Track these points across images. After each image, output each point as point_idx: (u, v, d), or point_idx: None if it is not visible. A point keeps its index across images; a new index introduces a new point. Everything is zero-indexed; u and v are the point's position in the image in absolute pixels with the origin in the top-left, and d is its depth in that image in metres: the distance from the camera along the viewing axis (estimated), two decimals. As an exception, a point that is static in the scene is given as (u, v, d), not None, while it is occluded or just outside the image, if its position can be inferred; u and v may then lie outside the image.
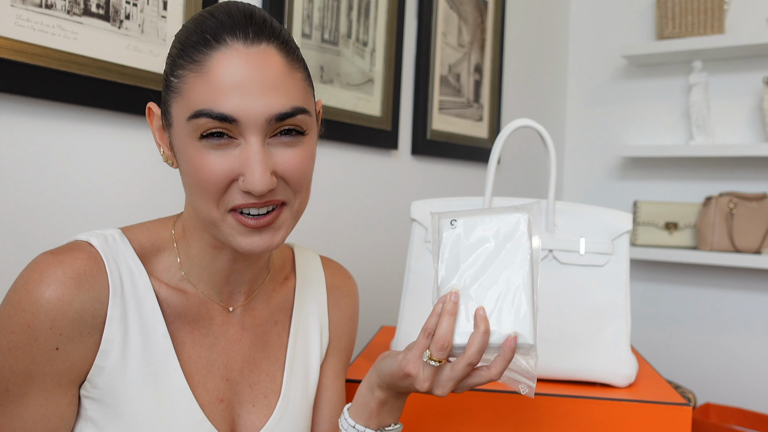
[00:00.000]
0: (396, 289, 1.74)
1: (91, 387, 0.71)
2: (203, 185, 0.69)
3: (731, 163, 2.37)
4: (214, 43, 0.67)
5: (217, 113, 0.66)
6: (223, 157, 0.68)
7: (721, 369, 2.34)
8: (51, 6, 0.95)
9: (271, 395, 0.82)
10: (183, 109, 0.68)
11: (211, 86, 0.66)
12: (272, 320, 0.85)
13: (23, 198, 0.95)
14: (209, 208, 0.70)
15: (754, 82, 2.34)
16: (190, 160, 0.69)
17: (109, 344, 0.70)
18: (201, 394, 0.76)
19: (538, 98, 2.50)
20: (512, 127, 1.05)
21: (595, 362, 1.03)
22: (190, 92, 0.67)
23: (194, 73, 0.67)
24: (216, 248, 0.77)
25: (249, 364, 0.81)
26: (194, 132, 0.68)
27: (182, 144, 0.70)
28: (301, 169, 0.71)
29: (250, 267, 0.80)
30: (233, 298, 0.81)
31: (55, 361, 0.68)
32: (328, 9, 1.47)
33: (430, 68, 1.82)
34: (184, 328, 0.76)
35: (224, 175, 0.68)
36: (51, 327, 0.67)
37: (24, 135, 0.95)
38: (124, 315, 0.72)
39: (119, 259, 0.73)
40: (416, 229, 1.09)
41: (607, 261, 1.04)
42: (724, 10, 2.27)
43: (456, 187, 2.01)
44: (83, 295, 0.68)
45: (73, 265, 0.69)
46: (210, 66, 0.67)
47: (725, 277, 2.36)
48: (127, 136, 1.08)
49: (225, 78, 0.66)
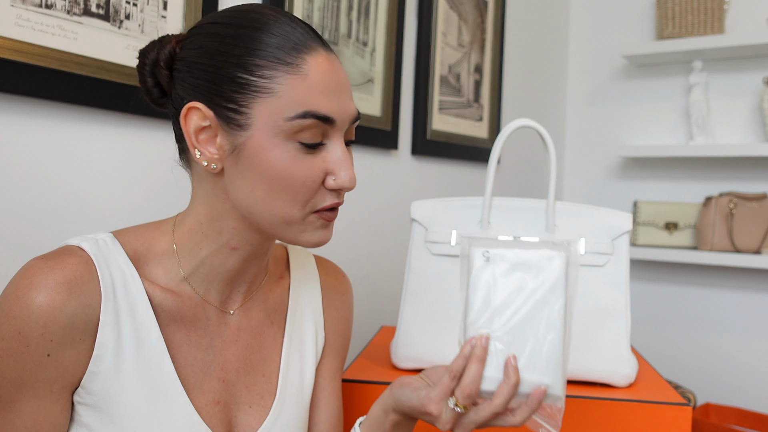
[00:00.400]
0: (396, 289, 1.74)
1: (85, 393, 0.71)
2: (295, 187, 0.70)
3: (731, 163, 2.37)
4: (303, 47, 0.70)
5: (322, 114, 0.70)
6: (313, 159, 0.71)
7: (721, 369, 2.34)
8: (51, 6, 0.95)
9: (267, 396, 0.82)
10: (279, 110, 0.69)
11: (312, 88, 0.69)
12: (268, 321, 0.85)
13: (23, 198, 0.95)
14: (292, 209, 0.71)
15: (754, 82, 2.34)
16: (281, 162, 0.69)
17: (102, 349, 0.70)
18: (197, 396, 0.76)
19: (538, 98, 2.50)
20: (512, 127, 1.05)
21: (595, 362, 1.03)
22: (289, 93, 0.69)
23: (291, 75, 0.69)
24: (234, 249, 0.76)
25: (245, 365, 0.81)
26: (293, 132, 0.69)
27: (271, 145, 0.69)
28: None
29: (253, 267, 0.81)
30: (232, 298, 0.81)
31: (47, 367, 0.68)
32: (328, 9, 1.47)
33: (430, 68, 1.82)
34: (180, 331, 0.76)
35: (318, 176, 0.71)
36: (42, 334, 0.67)
37: (24, 135, 0.95)
38: (117, 320, 0.71)
39: (111, 264, 0.72)
40: (416, 229, 1.09)
41: (607, 261, 1.04)
42: (724, 10, 2.27)
43: (456, 187, 2.01)
44: (74, 301, 0.68)
45: (63, 270, 0.68)
46: (307, 69, 0.69)
47: (725, 277, 2.36)
48: (127, 136, 1.08)
49: (323, 80, 0.70)
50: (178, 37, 0.75)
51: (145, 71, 0.75)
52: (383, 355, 1.16)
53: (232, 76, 0.69)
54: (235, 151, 0.70)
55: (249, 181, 0.71)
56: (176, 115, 0.74)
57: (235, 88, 0.69)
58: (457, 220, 1.07)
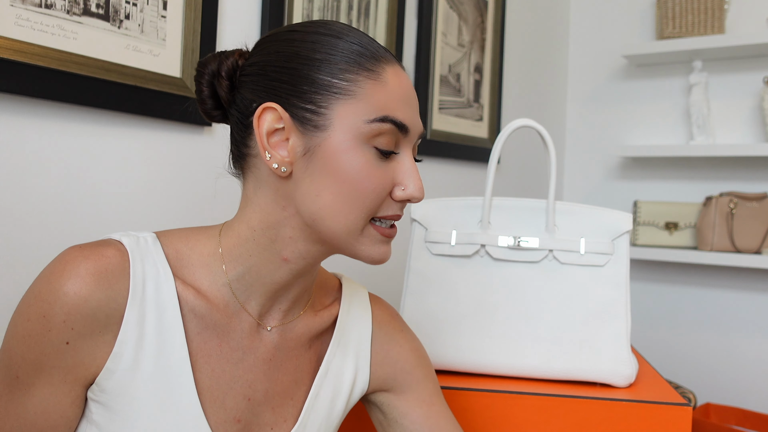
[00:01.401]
0: (396, 289, 1.74)
1: (99, 390, 0.70)
2: (365, 193, 0.70)
3: (731, 163, 2.37)
4: (382, 57, 0.72)
5: (399, 121, 0.71)
6: (385, 168, 0.72)
7: (721, 369, 2.34)
8: (51, 6, 0.95)
9: (290, 420, 0.80)
10: (359, 112, 0.69)
11: (391, 95, 0.71)
12: (307, 344, 0.82)
13: (23, 198, 0.95)
14: (357, 217, 0.71)
15: (754, 82, 2.34)
16: (356, 166, 0.70)
17: (122, 347, 0.69)
18: (217, 411, 0.74)
19: (538, 98, 2.50)
20: (512, 127, 1.05)
21: (595, 362, 1.03)
22: (369, 97, 0.70)
23: (372, 81, 0.70)
24: (286, 260, 0.74)
25: (275, 385, 0.79)
26: (371, 136, 0.70)
27: (347, 148, 0.69)
28: None
29: (299, 284, 0.78)
30: (270, 314, 0.79)
31: (64, 355, 0.68)
32: (328, 9, 1.47)
33: (430, 68, 1.82)
34: (212, 340, 0.74)
35: (388, 184, 0.72)
36: (64, 320, 0.67)
37: (24, 135, 0.95)
38: (142, 319, 0.70)
39: (147, 262, 0.71)
40: (416, 229, 1.09)
41: (607, 261, 1.04)
42: (724, 10, 2.27)
43: (456, 187, 2.01)
44: (100, 293, 0.68)
45: (96, 261, 0.68)
46: (386, 77, 0.71)
47: (725, 277, 2.36)
48: (127, 136, 1.08)
49: (401, 90, 0.72)
50: (241, 51, 0.76)
51: (203, 81, 0.76)
52: (383, 355, 1.16)
53: (312, 77, 0.70)
54: (307, 153, 0.70)
55: (317, 185, 0.70)
56: (241, 119, 0.73)
57: (315, 89, 0.70)
58: (457, 220, 1.07)
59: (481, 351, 1.04)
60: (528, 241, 1.04)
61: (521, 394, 0.99)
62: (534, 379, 1.06)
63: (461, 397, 0.99)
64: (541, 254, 1.04)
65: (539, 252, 1.04)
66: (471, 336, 1.04)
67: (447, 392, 1.00)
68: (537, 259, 1.04)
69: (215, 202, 1.21)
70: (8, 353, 0.69)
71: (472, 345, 1.04)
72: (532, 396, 0.99)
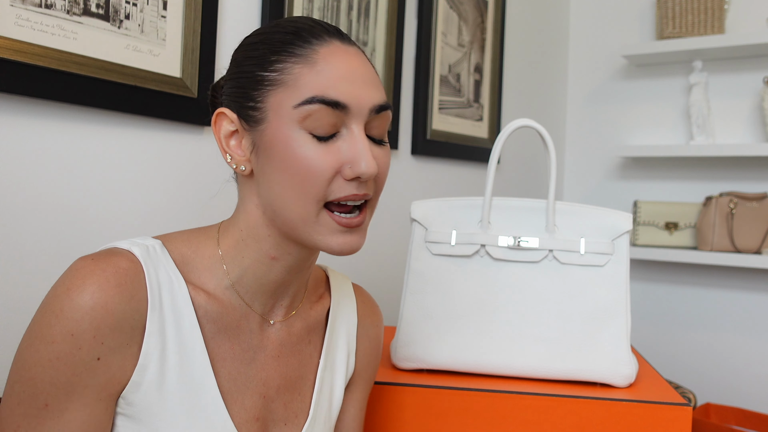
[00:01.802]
0: (396, 289, 1.74)
1: (126, 404, 0.69)
2: (307, 178, 0.69)
3: (731, 163, 2.37)
4: (314, 39, 0.71)
5: (330, 99, 0.68)
6: (328, 148, 0.69)
7: (721, 369, 2.34)
8: (51, 6, 0.95)
9: (300, 414, 0.81)
10: (288, 98, 0.69)
11: (321, 75, 0.69)
12: (307, 339, 0.84)
13: (23, 198, 0.95)
14: (307, 204, 0.70)
15: (754, 82, 2.34)
16: (292, 152, 0.69)
17: (147, 359, 0.68)
18: (239, 412, 0.74)
19: (538, 98, 2.50)
20: (512, 127, 1.05)
21: (595, 362, 1.03)
22: (297, 81, 0.69)
23: (299, 65, 0.70)
24: (274, 259, 0.75)
25: (285, 381, 0.80)
26: (302, 120, 0.69)
27: (282, 136, 0.69)
28: (387, 168, 0.75)
29: (297, 280, 0.79)
30: (274, 311, 0.80)
31: (97, 372, 0.66)
32: (328, 9, 1.47)
33: (430, 68, 1.82)
34: (225, 343, 0.74)
35: (332, 165, 0.69)
36: (94, 336, 0.65)
37: (24, 135, 0.95)
38: (163, 329, 0.70)
39: (160, 272, 0.70)
40: (416, 229, 1.09)
41: (607, 261, 1.04)
42: (724, 10, 2.27)
43: (456, 187, 2.01)
44: (124, 304, 0.66)
45: (116, 272, 0.66)
46: (317, 58, 0.70)
47: (725, 277, 2.36)
48: (127, 136, 1.08)
49: (334, 68, 0.70)
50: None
51: (208, 100, 0.81)
52: (383, 355, 1.16)
53: (251, 75, 0.72)
54: (255, 149, 0.72)
55: (268, 178, 0.71)
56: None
57: (252, 85, 0.71)
58: (457, 220, 1.07)
59: (481, 351, 1.04)
60: (528, 241, 1.04)
61: (521, 394, 0.99)
62: (534, 379, 1.06)
63: (461, 397, 0.99)
64: (541, 254, 1.04)
65: (539, 252, 1.04)
66: (471, 336, 1.04)
67: (447, 392, 1.00)
68: (537, 259, 1.04)
69: (215, 202, 1.21)
70: (31, 382, 0.65)
71: (471, 345, 1.04)
72: (532, 396, 0.99)
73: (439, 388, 1.00)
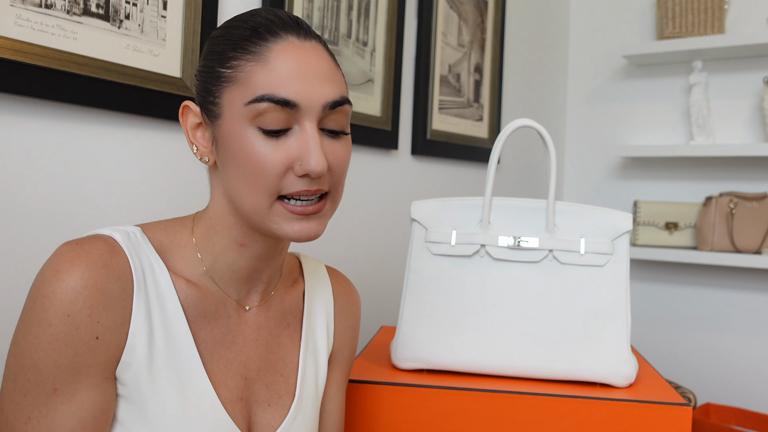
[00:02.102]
0: (396, 289, 1.74)
1: (119, 383, 0.70)
2: (258, 173, 0.70)
3: (731, 163, 2.37)
4: (269, 36, 0.71)
5: (279, 98, 0.69)
6: (278, 145, 0.71)
7: (721, 369, 2.34)
8: (51, 6, 0.95)
9: (285, 396, 0.83)
10: (240, 96, 0.70)
11: (272, 74, 0.70)
12: (284, 322, 0.86)
13: (23, 198, 0.95)
14: (259, 197, 0.71)
15: (754, 82, 2.34)
16: (243, 148, 0.70)
17: (135, 339, 0.70)
18: (223, 392, 0.76)
19: (538, 98, 2.50)
20: (512, 127, 1.05)
21: (595, 362, 1.03)
22: (249, 79, 0.70)
23: (252, 63, 0.71)
24: (243, 246, 0.77)
25: (265, 363, 0.82)
26: (252, 117, 0.70)
27: (235, 132, 0.71)
28: (344, 161, 0.75)
29: (269, 266, 0.81)
30: (250, 297, 0.82)
31: (98, 351, 0.67)
32: (328, 9, 1.47)
33: (430, 68, 1.82)
34: (205, 327, 0.77)
35: (281, 162, 0.70)
36: (89, 315, 0.66)
37: (24, 135, 0.95)
38: (148, 311, 0.71)
39: (142, 256, 0.72)
40: (416, 229, 1.09)
41: (607, 261, 1.04)
42: (724, 10, 2.27)
43: (456, 187, 2.01)
44: (113, 284, 0.68)
45: (101, 255, 0.68)
46: (269, 56, 0.70)
47: (725, 277, 2.36)
48: (127, 136, 1.08)
49: (285, 66, 0.70)
50: None
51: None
52: (383, 355, 1.16)
53: (211, 71, 0.73)
54: (215, 142, 0.74)
55: (226, 170, 0.73)
56: None
57: (212, 80, 0.73)
58: (457, 220, 1.07)
59: (481, 351, 1.04)
60: (528, 241, 1.04)
61: (521, 394, 0.99)
62: (534, 379, 1.06)
63: (461, 397, 0.99)
64: (541, 254, 1.04)
65: (539, 252, 1.04)
66: (471, 336, 1.04)
67: (447, 392, 1.00)
68: (537, 259, 1.04)
69: (215, 202, 1.21)
70: (35, 369, 0.65)
71: (471, 345, 1.04)
72: (532, 396, 0.99)
73: (439, 388, 1.00)
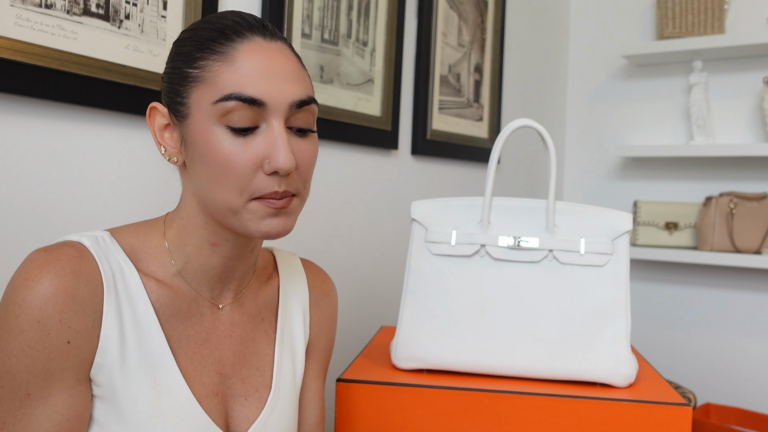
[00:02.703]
0: (396, 289, 1.74)
1: (94, 385, 0.72)
2: (228, 172, 0.71)
3: (731, 163, 2.37)
4: (236, 36, 0.72)
5: (246, 96, 0.70)
6: (246, 144, 0.71)
7: (721, 369, 2.34)
8: (51, 6, 0.95)
9: (262, 389, 0.84)
10: (208, 95, 0.71)
11: (238, 73, 0.70)
12: (259, 317, 0.87)
13: (23, 198, 0.95)
14: (231, 196, 0.72)
15: (754, 82, 2.34)
16: (212, 147, 0.71)
17: (107, 341, 0.71)
18: (197, 388, 0.77)
19: (538, 98, 2.50)
20: (512, 127, 1.05)
21: (595, 362, 1.03)
22: (215, 79, 0.71)
23: (219, 62, 0.71)
24: (215, 245, 0.78)
25: (240, 358, 0.83)
26: (220, 116, 0.70)
27: (203, 132, 0.72)
28: (310, 161, 0.76)
29: (241, 264, 0.82)
30: (223, 295, 0.83)
31: (70, 355, 0.69)
32: (328, 9, 1.47)
33: (430, 68, 1.82)
34: (178, 326, 0.78)
35: (250, 160, 0.71)
36: (60, 320, 0.68)
37: (24, 135, 0.95)
38: (119, 312, 0.73)
39: (110, 259, 0.74)
40: (416, 229, 1.09)
41: (607, 261, 1.04)
42: (724, 10, 2.27)
43: (456, 187, 2.01)
44: (82, 287, 0.69)
45: (70, 260, 0.70)
46: (236, 55, 0.71)
47: (725, 277, 2.36)
48: (127, 136, 1.08)
49: (252, 65, 0.71)
50: None
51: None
52: (383, 355, 1.16)
53: (179, 72, 0.74)
54: (183, 142, 0.75)
55: (196, 170, 0.74)
56: None
57: (179, 81, 0.74)
58: (457, 220, 1.07)
59: (481, 351, 1.04)
60: (528, 241, 1.04)
61: (521, 394, 0.99)
62: (534, 379, 1.06)
63: (461, 397, 0.99)
64: (541, 254, 1.04)
65: (539, 252, 1.04)
66: (471, 336, 1.04)
67: (447, 392, 1.00)
68: (537, 259, 1.04)
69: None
70: (8, 375, 0.67)
71: (472, 345, 1.04)
72: (532, 396, 0.99)
73: (439, 388, 1.00)
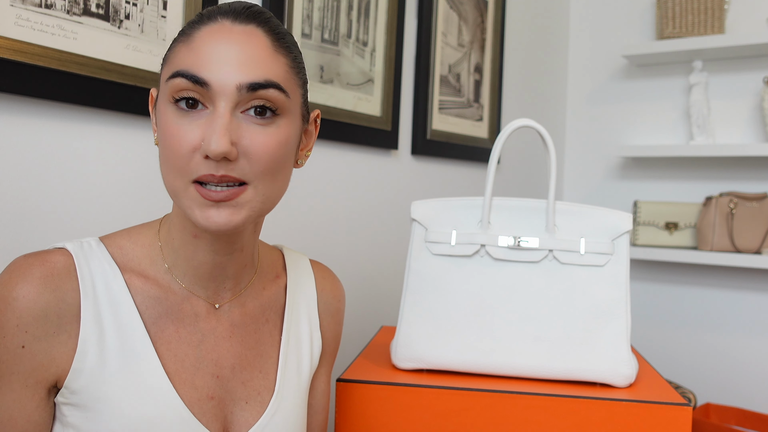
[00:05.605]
0: (396, 289, 1.74)
1: (70, 393, 0.72)
2: (169, 152, 0.70)
3: (731, 163, 2.37)
4: (206, 20, 0.73)
5: (190, 74, 0.69)
6: (189, 124, 0.69)
7: (721, 369, 2.34)
8: (51, 6, 0.95)
9: (264, 392, 0.83)
10: (165, 74, 0.72)
11: (192, 53, 0.70)
12: (263, 318, 0.86)
13: (23, 198, 0.95)
14: (174, 177, 0.71)
15: (754, 82, 2.34)
16: (163, 126, 0.71)
17: (85, 345, 0.71)
18: (189, 391, 0.76)
19: (538, 98, 2.50)
20: (512, 127, 1.05)
21: (595, 362, 1.03)
22: (174, 58, 0.72)
23: (182, 44, 0.72)
24: (196, 237, 0.76)
25: (241, 361, 0.81)
26: (170, 94, 0.70)
27: (161, 111, 0.72)
28: (267, 149, 0.70)
29: (232, 261, 0.80)
30: (219, 294, 0.81)
31: (22, 359, 0.69)
32: (328, 9, 1.47)
33: (430, 68, 1.82)
34: (168, 327, 0.77)
35: (188, 141, 0.68)
36: (17, 324, 0.69)
37: (24, 135, 0.95)
38: (98, 317, 0.73)
39: (93, 263, 0.74)
40: (416, 229, 1.09)
41: (607, 261, 1.04)
42: (724, 10, 2.27)
43: (456, 187, 2.01)
44: (48, 294, 0.70)
45: (41, 266, 0.71)
46: (196, 36, 0.71)
47: (725, 277, 2.36)
48: (127, 136, 1.08)
49: (205, 46, 0.70)
50: None
51: None
52: (383, 355, 1.16)
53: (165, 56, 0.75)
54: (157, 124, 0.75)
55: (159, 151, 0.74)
56: None
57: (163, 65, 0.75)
58: (457, 220, 1.07)
59: (481, 351, 1.04)
60: (528, 241, 1.04)
61: (521, 394, 0.99)
62: (534, 379, 1.06)
63: (461, 397, 0.99)
64: (541, 254, 1.04)
65: (539, 252, 1.04)
66: (471, 336, 1.04)
67: (447, 392, 1.00)
68: (537, 259, 1.04)
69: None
70: None
71: (471, 345, 1.04)
72: (532, 396, 0.99)
73: (439, 388, 1.00)
